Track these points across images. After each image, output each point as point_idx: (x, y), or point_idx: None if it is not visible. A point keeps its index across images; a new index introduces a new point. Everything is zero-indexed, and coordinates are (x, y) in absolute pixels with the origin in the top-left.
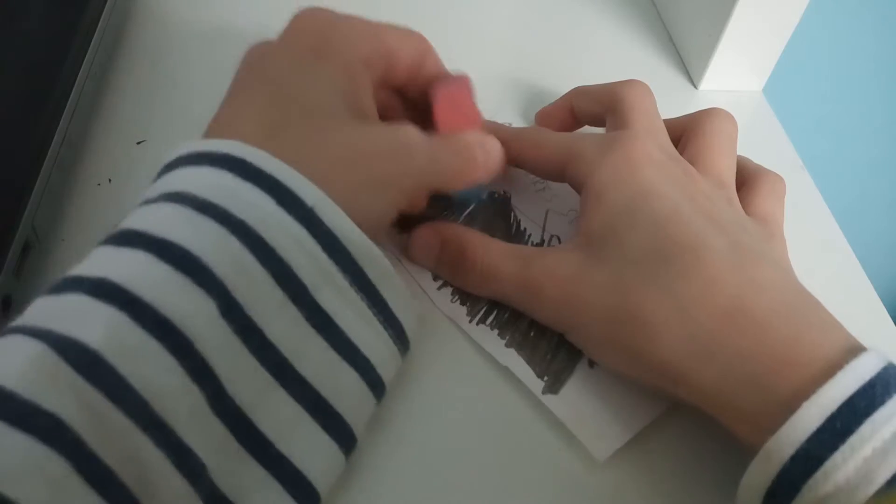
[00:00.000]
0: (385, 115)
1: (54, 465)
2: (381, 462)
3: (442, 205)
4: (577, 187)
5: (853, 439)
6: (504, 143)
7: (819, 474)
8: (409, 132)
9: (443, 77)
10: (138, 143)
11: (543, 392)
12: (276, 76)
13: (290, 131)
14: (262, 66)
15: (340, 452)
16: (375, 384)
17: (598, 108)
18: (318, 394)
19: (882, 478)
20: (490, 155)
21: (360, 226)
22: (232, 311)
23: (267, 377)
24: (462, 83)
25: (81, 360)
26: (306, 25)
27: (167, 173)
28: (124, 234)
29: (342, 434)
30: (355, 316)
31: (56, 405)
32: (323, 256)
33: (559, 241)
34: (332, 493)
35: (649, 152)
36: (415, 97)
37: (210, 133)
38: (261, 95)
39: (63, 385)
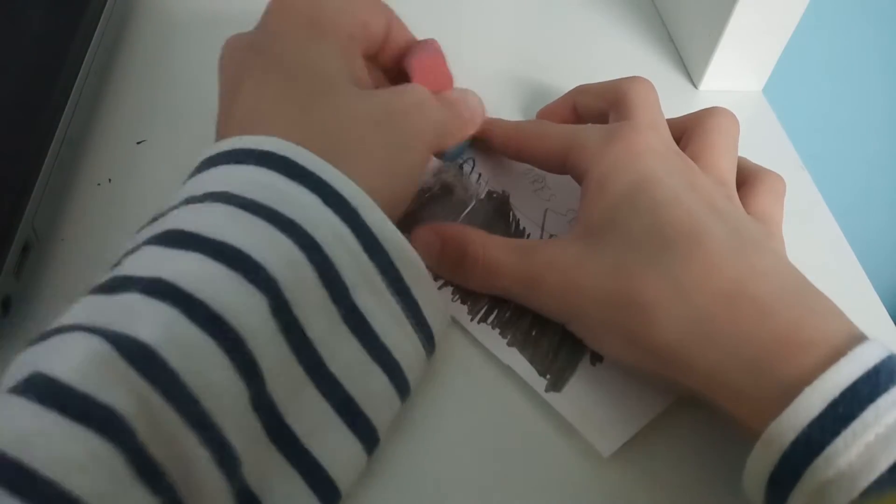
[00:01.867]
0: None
1: (112, 457)
2: (382, 460)
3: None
4: (579, 178)
5: (856, 424)
6: (506, 135)
7: (820, 459)
8: (419, 90)
9: (413, 45)
10: (138, 143)
11: (546, 390)
12: (282, 57)
13: (315, 109)
14: (261, 49)
15: (363, 452)
16: (402, 387)
17: (601, 105)
18: (348, 393)
19: (884, 464)
20: (474, 109)
21: (399, 188)
22: (281, 309)
23: (302, 375)
24: (432, 48)
25: (136, 355)
26: (292, 3)
27: (207, 169)
28: (174, 234)
29: (367, 434)
30: (389, 318)
31: (111, 398)
32: (363, 256)
33: None
34: None
35: (651, 143)
36: (386, 64)
37: (230, 125)
38: (274, 79)
39: (118, 380)
